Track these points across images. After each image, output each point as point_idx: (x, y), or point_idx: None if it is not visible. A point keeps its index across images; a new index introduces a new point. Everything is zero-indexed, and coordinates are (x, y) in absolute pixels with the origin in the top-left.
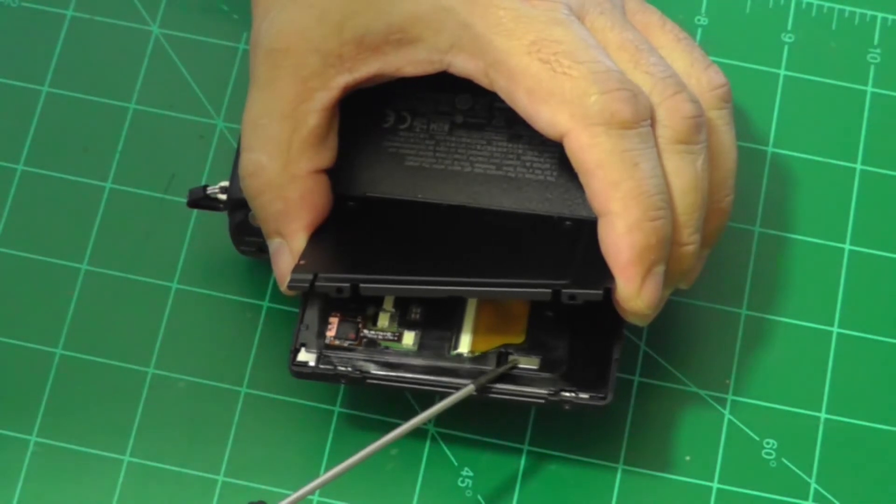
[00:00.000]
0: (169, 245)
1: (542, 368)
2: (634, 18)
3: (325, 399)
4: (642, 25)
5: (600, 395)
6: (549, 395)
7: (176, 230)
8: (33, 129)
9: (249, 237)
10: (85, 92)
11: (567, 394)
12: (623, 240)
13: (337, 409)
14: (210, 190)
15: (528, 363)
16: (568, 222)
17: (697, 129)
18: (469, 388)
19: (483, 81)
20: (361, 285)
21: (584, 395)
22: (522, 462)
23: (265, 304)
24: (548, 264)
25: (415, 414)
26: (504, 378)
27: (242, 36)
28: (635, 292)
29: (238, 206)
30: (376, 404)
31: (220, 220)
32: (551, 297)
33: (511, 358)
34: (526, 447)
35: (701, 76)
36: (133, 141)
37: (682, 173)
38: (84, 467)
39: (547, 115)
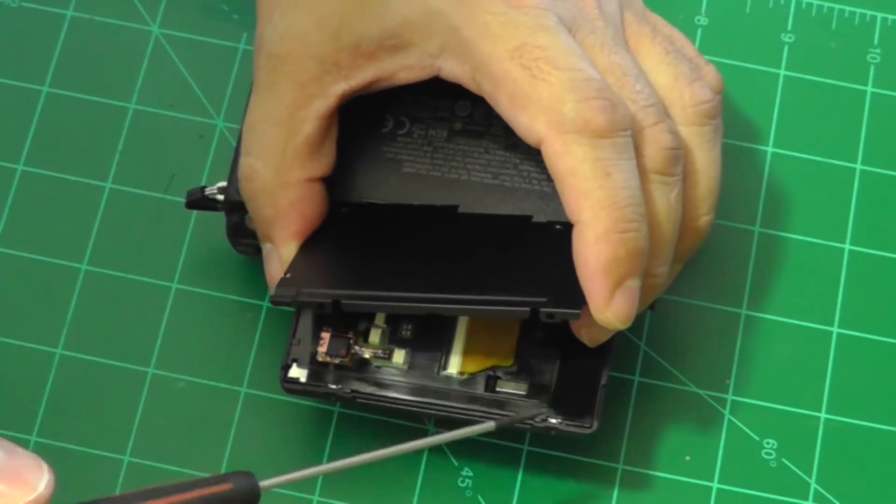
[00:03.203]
0: (169, 245)
1: (529, 394)
2: (628, 30)
3: (326, 400)
4: (634, 38)
5: (586, 425)
6: (535, 422)
7: (176, 230)
8: (33, 129)
9: (245, 239)
10: (85, 92)
11: (553, 420)
12: (590, 250)
13: (337, 409)
14: (208, 191)
15: (516, 388)
16: (558, 226)
17: (674, 161)
18: (489, 425)
19: (471, 86)
20: (343, 301)
21: (570, 423)
22: (522, 462)
23: (265, 304)
24: (533, 278)
25: (415, 417)
26: (491, 404)
27: (242, 36)
28: (603, 305)
29: (235, 208)
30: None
31: (220, 220)
32: (530, 315)
33: (536, 412)
34: (526, 447)
35: (684, 91)
36: (133, 141)
37: (657, 204)
38: (84, 467)
39: (525, 121)
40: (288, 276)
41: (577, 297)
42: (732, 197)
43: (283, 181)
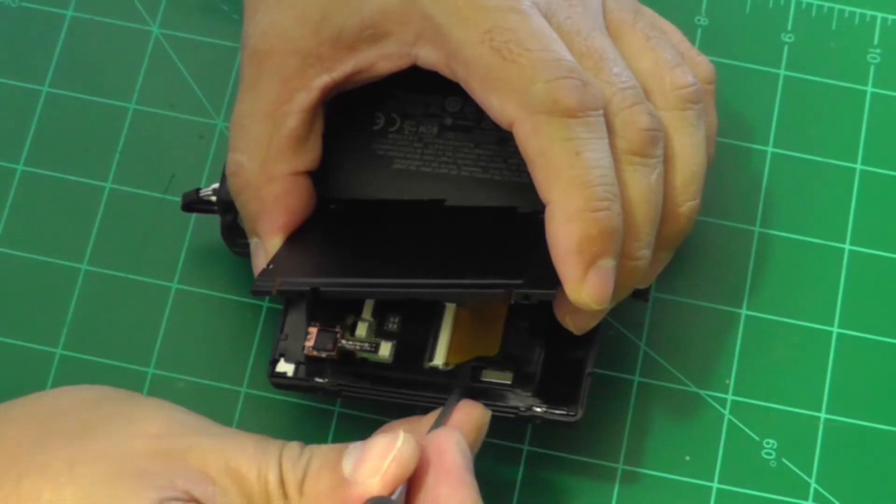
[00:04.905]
0: (169, 245)
1: (515, 383)
2: (609, 17)
3: (325, 399)
4: (615, 24)
5: (571, 413)
6: (519, 410)
7: (176, 230)
8: (33, 129)
9: (240, 239)
10: (85, 92)
11: (538, 409)
12: (561, 229)
13: (337, 409)
14: (203, 192)
15: (501, 378)
16: (541, 215)
17: (653, 143)
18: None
19: (446, 72)
20: (322, 289)
21: (555, 411)
22: (522, 462)
23: (265, 304)
24: (513, 264)
25: (406, 411)
26: (475, 392)
27: None
28: (577, 284)
29: (228, 208)
30: (375, 405)
31: (219, 220)
32: (504, 296)
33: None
34: (526, 447)
35: (665, 76)
36: (133, 141)
37: (634, 185)
38: None
39: (497, 104)
40: (270, 267)
41: (552, 279)
42: (732, 197)
43: (268, 175)
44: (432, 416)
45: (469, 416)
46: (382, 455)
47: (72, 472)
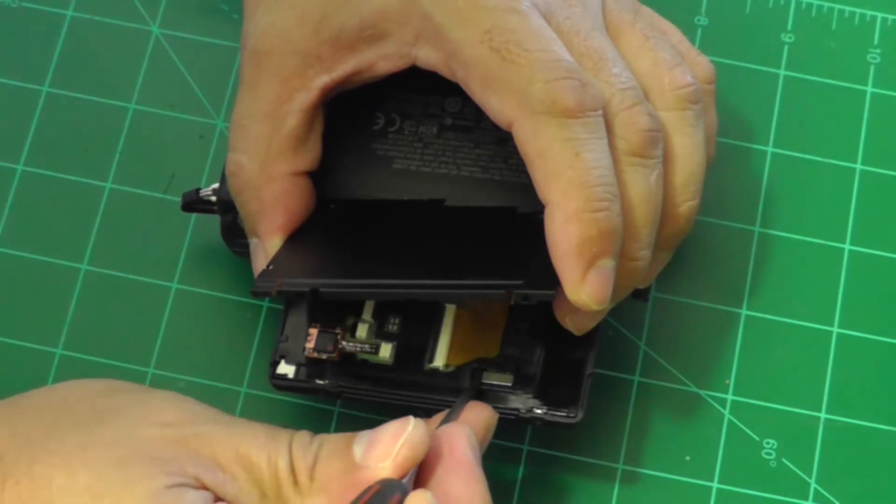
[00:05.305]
0: (169, 245)
1: (515, 385)
2: (609, 17)
3: (324, 399)
4: (615, 24)
5: (571, 415)
6: (520, 411)
7: (176, 230)
8: (33, 129)
9: (240, 239)
10: (85, 92)
11: (539, 410)
12: (561, 230)
13: (337, 409)
14: (203, 192)
15: (501, 380)
16: (541, 215)
17: (652, 143)
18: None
19: (445, 73)
20: (322, 290)
21: (555, 413)
22: (522, 461)
23: (265, 304)
24: (513, 265)
25: (405, 412)
26: (476, 394)
27: None
28: (576, 285)
29: (228, 208)
30: (375, 405)
31: (219, 219)
32: (504, 297)
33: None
34: (526, 447)
35: (664, 76)
36: (133, 141)
37: (634, 186)
38: None
39: (496, 104)
40: (270, 267)
41: (552, 279)
42: (732, 197)
43: (268, 175)
44: (440, 417)
45: (478, 416)
46: (393, 439)
47: (84, 457)
